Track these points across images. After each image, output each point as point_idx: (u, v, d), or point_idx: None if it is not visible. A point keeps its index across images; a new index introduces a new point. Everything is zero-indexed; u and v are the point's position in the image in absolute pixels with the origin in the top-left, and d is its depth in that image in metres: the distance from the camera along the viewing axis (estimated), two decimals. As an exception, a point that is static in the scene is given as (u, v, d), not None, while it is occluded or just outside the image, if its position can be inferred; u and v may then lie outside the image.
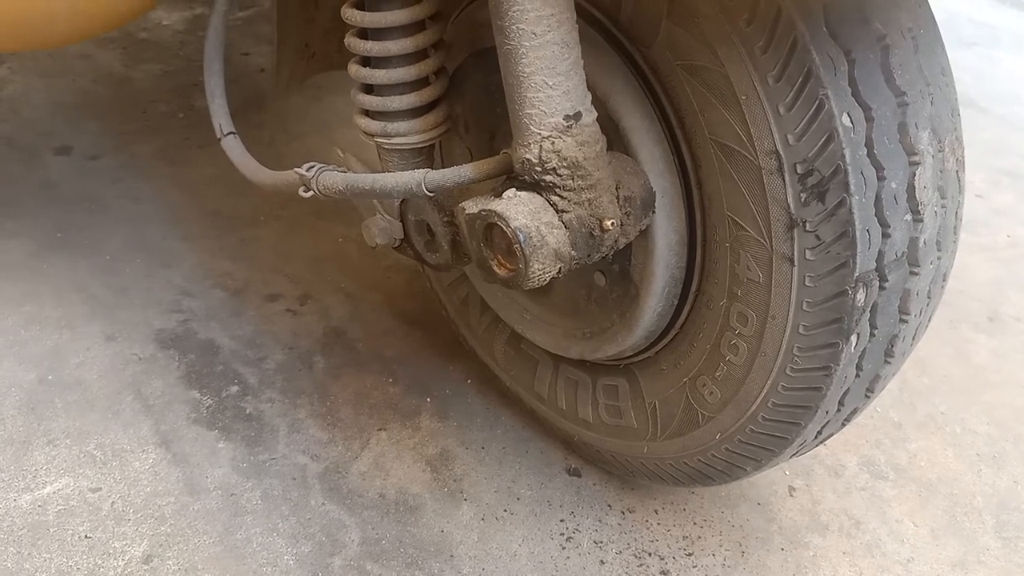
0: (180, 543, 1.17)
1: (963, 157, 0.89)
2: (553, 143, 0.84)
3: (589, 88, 0.90)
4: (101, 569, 1.13)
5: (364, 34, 0.99)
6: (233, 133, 1.27)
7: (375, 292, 1.63)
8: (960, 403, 1.43)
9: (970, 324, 1.59)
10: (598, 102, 0.92)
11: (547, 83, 0.83)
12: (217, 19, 1.27)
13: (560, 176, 0.85)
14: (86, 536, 1.17)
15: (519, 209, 0.85)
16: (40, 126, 2.13)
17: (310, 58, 1.44)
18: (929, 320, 0.96)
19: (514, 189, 0.87)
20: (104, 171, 1.96)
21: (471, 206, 0.89)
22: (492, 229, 0.88)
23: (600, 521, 1.23)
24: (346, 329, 1.55)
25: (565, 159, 0.84)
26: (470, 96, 1.14)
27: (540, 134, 0.84)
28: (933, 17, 0.87)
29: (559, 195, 0.86)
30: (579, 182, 0.86)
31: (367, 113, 1.02)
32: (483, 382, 1.43)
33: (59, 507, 1.21)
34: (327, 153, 1.13)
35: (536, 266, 0.85)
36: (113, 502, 1.22)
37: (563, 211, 0.86)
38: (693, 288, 0.99)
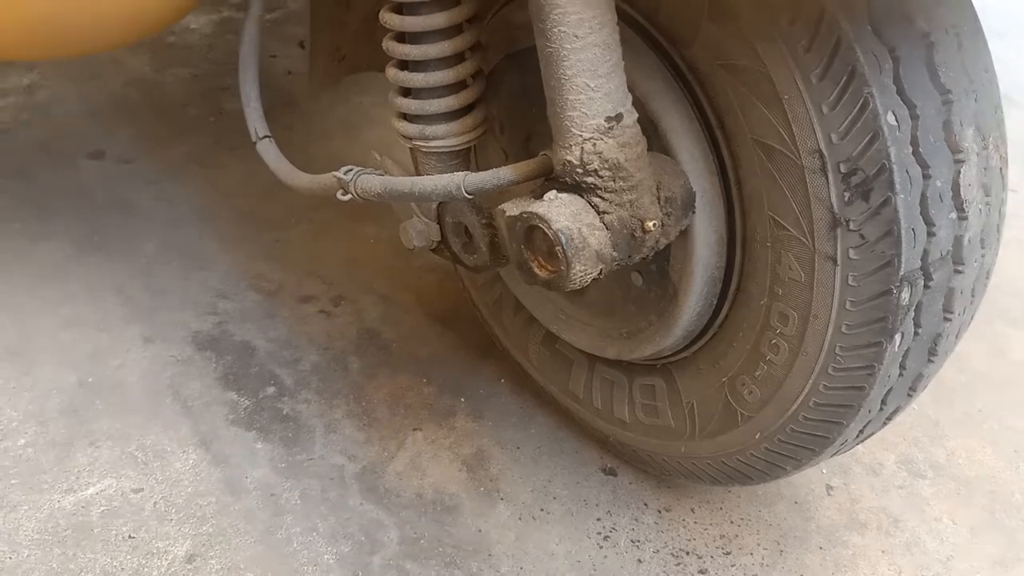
0: (222, 543, 1.18)
1: (1007, 154, 0.89)
2: (595, 145, 0.85)
3: (628, 89, 0.90)
4: (145, 569, 1.15)
5: (402, 38, 1.00)
6: (269, 137, 1.29)
7: (408, 293, 1.65)
8: (997, 400, 1.41)
9: (1006, 320, 1.58)
10: (638, 103, 0.92)
11: (589, 85, 0.83)
12: (251, 23, 1.28)
13: (601, 178, 0.85)
14: (130, 536, 1.19)
15: (561, 211, 0.85)
16: (73, 131, 2.16)
17: (340, 60, 1.46)
18: (972, 318, 0.95)
19: (555, 191, 0.88)
20: (137, 175, 1.99)
21: (511, 208, 0.90)
22: (533, 231, 0.88)
23: (637, 520, 1.23)
24: (380, 330, 1.56)
25: (606, 160, 0.85)
26: (506, 97, 1.15)
27: (582, 136, 0.85)
28: (976, 14, 0.86)
29: (600, 197, 0.86)
30: (620, 183, 0.86)
31: (405, 116, 1.03)
32: (517, 382, 1.44)
33: (102, 508, 1.23)
34: (353, 154, 1.15)
35: (578, 268, 0.86)
36: (155, 502, 1.24)
37: (604, 212, 0.87)
38: (732, 288, 0.99)
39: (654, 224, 0.87)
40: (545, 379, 1.34)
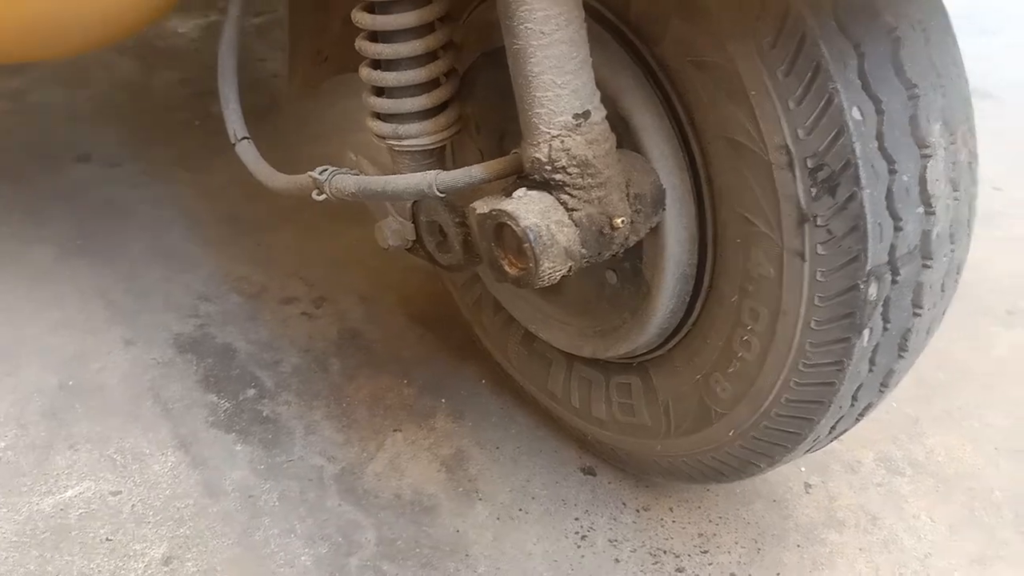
0: (199, 545, 1.18)
1: (976, 149, 0.89)
2: (563, 142, 0.85)
3: (599, 86, 0.90)
4: (122, 571, 1.14)
5: (375, 37, 1.00)
6: (247, 138, 1.29)
7: (390, 294, 1.64)
8: (978, 397, 1.41)
9: (989, 317, 1.58)
10: (608, 100, 0.93)
11: (556, 82, 0.83)
12: (230, 25, 1.28)
13: (570, 175, 0.85)
14: (107, 539, 1.19)
15: (529, 208, 0.85)
16: (61, 134, 2.16)
17: (323, 63, 1.46)
18: (943, 313, 0.95)
19: (524, 188, 0.88)
20: (124, 178, 1.99)
21: (481, 206, 0.90)
22: (503, 229, 0.88)
23: (615, 519, 1.23)
24: (361, 331, 1.56)
25: (575, 157, 0.85)
26: (481, 97, 1.15)
27: (549, 133, 0.85)
28: (944, 9, 0.86)
29: (569, 193, 0.86)
30: (589, 180, 0.86)
31: (378, 116, 1.03)
32: (497, 382, 1.43)
33: (81, 510, 1.23)
34: (342, 157, 1.15)
35: (547, 265, 0.86)
36: (133, 505, 1.24)
37: (573, 209, 0.87)
38: (705, 285, 0.99)
39: (623, 221, 0.87)
40: (524, 379, 1.34)
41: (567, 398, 1.26)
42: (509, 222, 0.86)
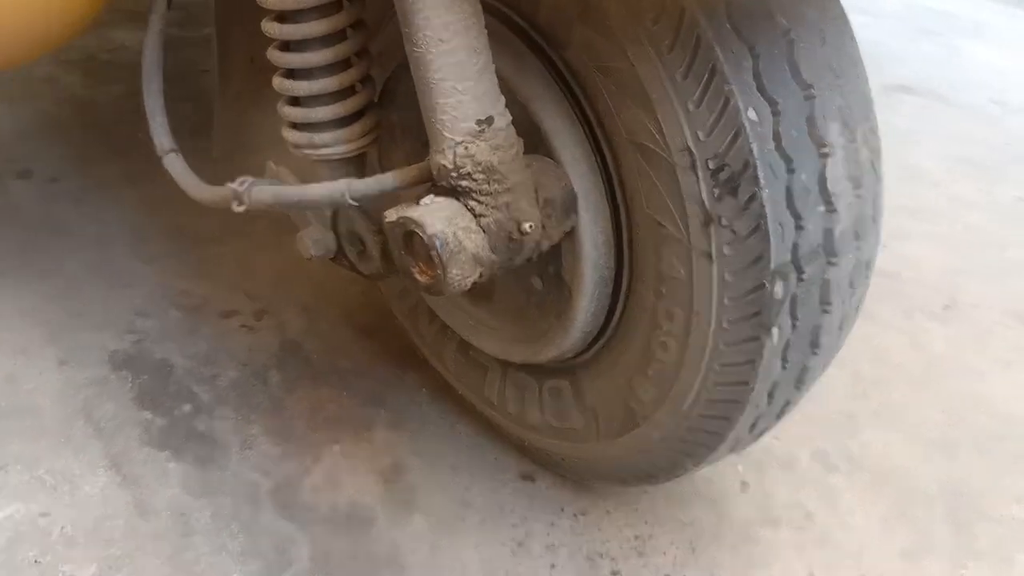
0: (129, 565, 1.16)
1: (879, 147, 0.90)
2: (467, 148, 0.84)
3: (510, 92, 0.91)
4: (50, 594, 1.12)
5: (287, 47, 0.99)
6: (175, 150, 1.28)
7: (333, 306, 1.63)
8: (914, 392, 1.43)
9: (925, 313, 1.60)
10: (519, 105, 0.93)
11: (457, 88, 0.83)
12: (153, 37, 1.27)
13: (475, 181, 0.85)
14: (35, 561, 1.17)
15: (435, 215, 0.85)
16: (1, 151, 2.13)
17: (258, 72, 1.44)
18: (857, 309, 0.96)
19: (432, 195, 0.88)
20: (65, 194, 1.96)
21: (391, 214, 0.90)
22: (411, 236, 0.88)
23: (552, 525, 1.22)
24: (302, 343, 1.54)
25: (479, 163, 0.85)
26: (403, 104, 1.15)
27: (453, 139, 0.85)
28: (842, 10, 0.87)
29: (476, 199, 0.86)
30: (495, 186, 0.86)
31: (294, 125, 1.03)
32: (437, 391, 1.43)
33: (9, 533, 1.20)
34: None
35: (455, 271, 0.86)
36: (63, 526, 1.21)
37: (480, 215, 0.86)
38: (624, 288, 0.99)
39: (531, 226, 0.87)
40: (462, 386, 1.33)
41: (503, 404, 1.26)
42: (416, 229, 0.85)
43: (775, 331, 0.87)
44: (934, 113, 2.20)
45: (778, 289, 0.84)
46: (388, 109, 1.17)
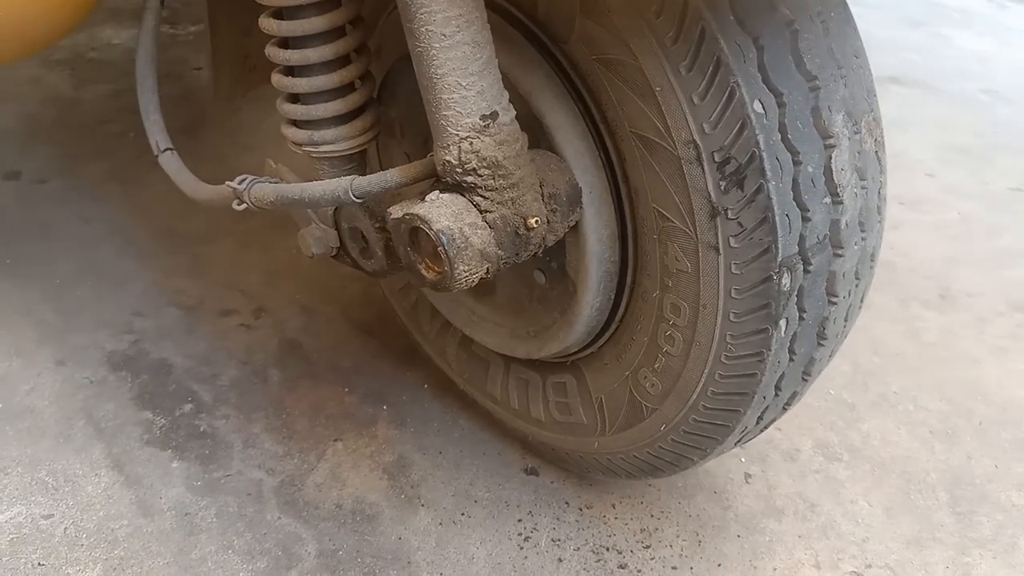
0: (134, 566, 1.15)
1: (882, 137, 0.90)
2: (471, 144, 0.84)
3: (511, 86, 0.90)
4: (54, 597, 1.12)
5: (285, 43, 0.98)
6: (171, 149, 1.27)
7: (330, 303, 1.63)
8: (912, 381, 1.44)
9: (921, 302, 1.61)
10: (521, 100, 0.92)
11: (460, 84, 0.82)
12: (147, 36, 1.26)
13: (481, 176, 0.85)
14: (39, 563, 1.16)
15: (441, 211, 0.85)
16: (-12, 152, 2.11)
17: (251, 70, 1.43)
18: (862, 300, 0.97)
19: (437, 192, 0.87)
20: (54, 194, 1.94)
21: (396, 211, 0.89)
22: (417, 233, 0.87)
23: (558, 519, 1.22)
24: (301, 341, 1.54)
25: (484, 159, 0.84)
26: (403, 100, 1.14)
27: (458, 135, 0.84)
28: (844, 1, 0.87)
29: (481, 195, 0.86)
30: (500, 181, 0.85)
31: (294, 123, 1.02)
32: (439, 387, 1.43)
33: (11, 536, 1.19)
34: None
35: (462, 267, 0.85)
36: (66, 528, 1.20)
37: (486, 211, 0.86)
38: (628, 281, 0.99)
39: (537, 221, 0.87)
40: (464, 382, 1.33)
41: (506, 400, 1.26)
42: (422, 226, 0.85)
43: (782, 323, 0.87)
44: (925, 103, 2.20)
45: (785, 281, 0.84)
46: (387, 105, 1.17)
